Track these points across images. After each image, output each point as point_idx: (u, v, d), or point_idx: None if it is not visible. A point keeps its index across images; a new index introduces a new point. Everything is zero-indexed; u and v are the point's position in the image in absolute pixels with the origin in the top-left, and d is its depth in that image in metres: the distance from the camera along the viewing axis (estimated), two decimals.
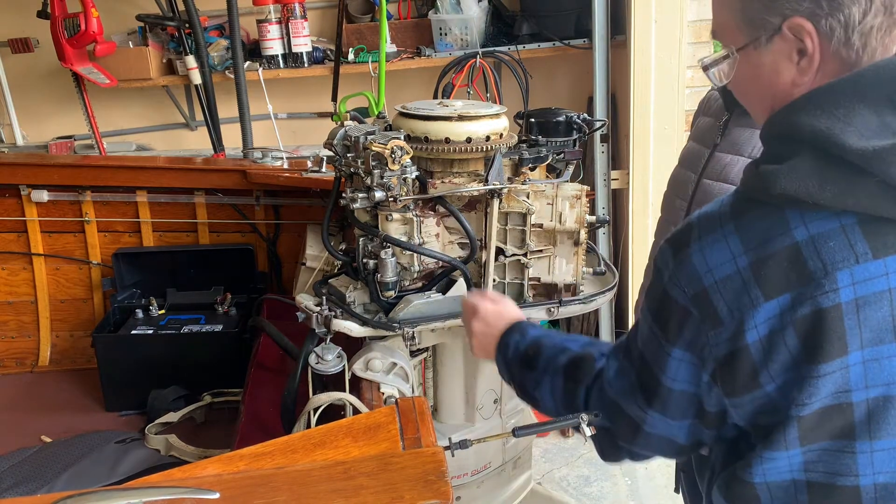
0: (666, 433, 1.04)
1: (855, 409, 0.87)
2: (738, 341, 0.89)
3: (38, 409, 2.49)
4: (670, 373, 0.98)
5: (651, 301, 1.01)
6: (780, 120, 0.92)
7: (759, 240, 0.88)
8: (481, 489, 1.96)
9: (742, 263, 0.88)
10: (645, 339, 1.02)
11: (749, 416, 0.94)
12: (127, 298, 2.65)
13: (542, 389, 1.24)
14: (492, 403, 1.92)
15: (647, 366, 1.02)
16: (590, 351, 1.19)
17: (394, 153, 1.53)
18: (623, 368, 1.08)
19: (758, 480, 0.93)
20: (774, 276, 0.86)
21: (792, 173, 0.86)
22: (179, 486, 1.00)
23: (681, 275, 0.93)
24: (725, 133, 1.61)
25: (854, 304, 0.85)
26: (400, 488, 1.01)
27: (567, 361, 1.21)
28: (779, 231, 0.87)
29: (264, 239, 2.76)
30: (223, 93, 3.30)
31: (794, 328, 0.86)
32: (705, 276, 0.90)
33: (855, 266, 0.84)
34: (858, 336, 0.85)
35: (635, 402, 1.04)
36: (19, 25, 3.41)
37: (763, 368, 0.89)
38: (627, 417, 1.07)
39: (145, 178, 2.69)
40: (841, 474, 0.90)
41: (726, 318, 0.89)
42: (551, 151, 1.73)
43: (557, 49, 3.18)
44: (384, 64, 2.62)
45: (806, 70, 0.91)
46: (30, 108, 3.64)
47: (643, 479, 2.92)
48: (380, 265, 1.62)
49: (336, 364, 1.60)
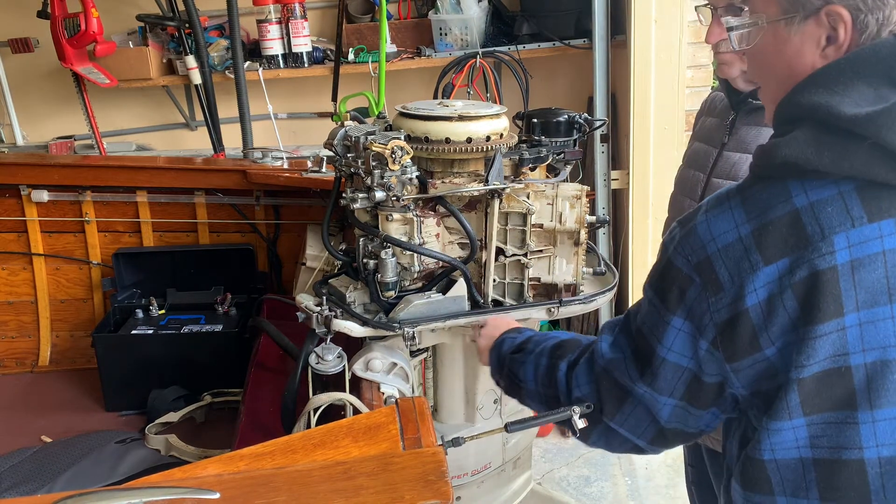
0: (650, 407, 1.06)
1: (854, 373, 0.90)
2: (739, 306, 0.92)
3: (38, 409, 2.49)
4: (667, 342, 1.00)
5: (654, 274, 1.04)
6: (787, 102, 0.95)
7: (761, 208, 0.92)
8: (481, 489, 1.96)
9: (744, 231, 0.92)
10: (644, 313, 1.05)
11: (750, 381, 0.96)
12: (127, 298, 2.65)
13: (526, 369, 1.29)
14: (492, 403, 1.92)
15: (643, 338, 1.04)
16: (577, 337, 1.26)
17: (394, 153, 1.53)
18: (617, 341, 1.11)
19: (767, 457, 0.95)
20: (774, 242, 0.90)
21: (792, 142, 0.90)
22: (179, 486, 1.00)
23: (685, 244, 0.97)
24: (733, 132, 1.61)
25: (850, 266, 0.88)
26: (400, 488, 1.01)
27: (554, 344, 1.28)
28: (780, 199, 0.91)
29: (264, 239, 2.76)
30: (223, 93, 3.30)
31: (792, 291, 0.89)
32: (709, 244, 0.94)
33: (851, 230, 0.88)
34: (854, 297, 0.88)
35: (627, 373, 1.07)
36: (19, 25, 3.41)
37: (762, 331, 0.91)
38: (616, 388, 1.09)
39: (145, 178, 2.69)
40: (845, 447, 0.91)
41: (727, 283, 0.93)
42: (551, 151, 1.73)
43: (557, 49, 3.18)
44: (384, 64, 2.62)
45: (830, 57, 0.93)
46: (30, 108, 3.64)
47: (643, 479, 2.92)
48: (380, 265, 1.62)
49: (336, 364, 1.60)
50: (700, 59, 2.96)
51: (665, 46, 2.84)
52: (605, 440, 1.15)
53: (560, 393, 1.20)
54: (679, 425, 1.06)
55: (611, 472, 2.96)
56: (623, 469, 2.99)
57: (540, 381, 1.26)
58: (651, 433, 1.09)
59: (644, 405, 1.06)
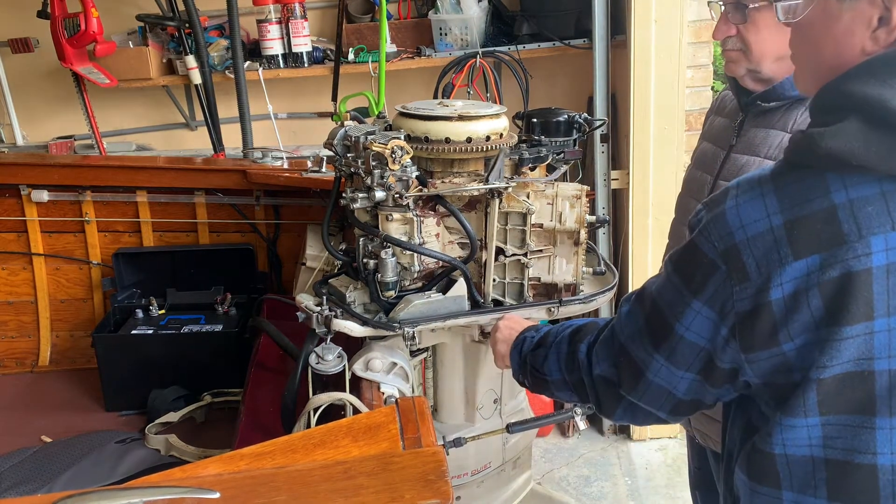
0: (667, 383, 1.05)
1: (877, 378, 0.88)
2: (762, 297, 0.89)
3: (38, 409, 2.49)
4: (685, 321, 0.99)
5: (677, 254, 1.02)
6: (832, 89, 0.92)
7: (797, 200, 0.88)
8: (481, 489, 1.96)
9: (776, 222, 0.89)
10: (661, 287, 1.04)
11: (764, 373, 0.95)
12: (127, 298, 2.65)
13: (550, 361, 1.28)
14: (492, 403, 1.92)
15: (659, 311, 1.03)
16: (594, 320, 1.26)
17: (394, 153, 1.53)
18: (633, 311, 1.09)
19: (778, 451, 0.94)
20: (806, 236, 0.87)
21: (839, 133, 0.86)
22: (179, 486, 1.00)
23: (713, 229, 0.94)
24: (741, 134, 1.59)
25: (885, 270, 0.85)
26: (400, 488, 1.01)
27: (572, 330, 1.27)
28: (818, 193, 0.88)
29: (264, 239, 2.76)
30: (223, 93, 3.30)
31: (818, 290, 0.87)
32: (737, 231, 0.91)
33: (890, 232, 0.85)
34: (886, 302, 0.86)
35: (642, 345, 1.06)
36: (19, 25, 3.41)
37: (783, 327, 0.89)
38: (633, 361, 1.08)
39: (145, 178, 2.69)
40: (859, 451, 0.90)
41: (753, 273, 0.90)
42: (551, 151, 1.73)
43: (557, 49, 3.17)
44: (384, 64, 2.62)
45: (881, 40, 0.89)
46: (30, 108, 3.64)
47: (643, 479, 2.92)
48: (380, 265, 1.62)
49: (336, 364, 1.60)
50: (700, 59, 2.96)
51: (665, 46, 2.83)
52: (631, 414, 1.15)
53: (583, 374, 1.20)
54: (696, 396, 1.05)
55: (611, 472, 2.96)
56: (623, 469, 2.98)
57: (564, 369, 1.26)
58: (670, 405, 1.08)
59: (661, 378, 1.05)
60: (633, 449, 3.09)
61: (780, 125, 1.50)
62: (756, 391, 1.00)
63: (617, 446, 3.10)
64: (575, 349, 1.23)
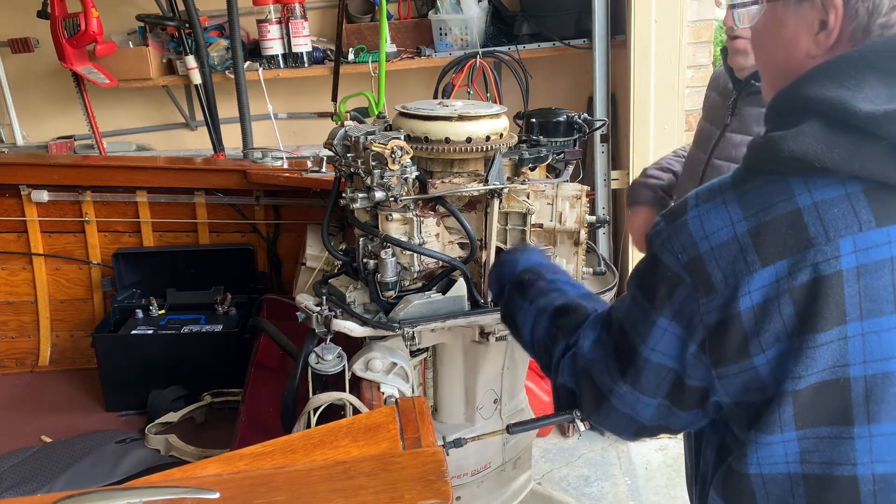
0: (631, 409, 1.02)
1: (852, 385, 0.85)
2: (731, 308, 0.87)
3: (38, 409, 2.49)
4: (651, 342, 0.95)
5: (639, 270, 0.99)
6: (789, 92, 0.91)
7: (760, 206, 0.86)
8: (481, 489, 1.96)
9: (741, 229, 0.87)
10: (627, 309, 1.00)
11: (736, 390, 0.92)
12: (127, 298, 2.65)
13: (526, 320, 1.24)
14: (492, 403, 1.92)
15: (625, 335, 0.99)
16: (584, 305, 1.18)
17: (394, 153, 1.53)
18: (600, 339, 1.06)
19: (753, 471, 0.91)
20: (773, 242, 0.85)
21: (800, 136, 0.85)
22: (179, 486, 1.00)
23: (675, 241, 0.91)
24: (735, 112, 1.60)
25: (855, 272, 0.83)
26: (400, 488, 1.01)
27: (559, 306, 1.20)
28: (782, 197, 0.86)
29: (264, 239, 2.76)
30: (223, 93, 3.30)
31: (790, 296, 0.85)
32: (701, 242, 0.89)
33: (858, 234, 0.83)
34: (858, 305, 0.84)
35: (608, 373, 1.02)
36: (19, 25, 3.41)
37: (754, 337, 0.87)
38: (595, 388, 1.05)
39: (145, 178, 2.69)
40: (838, 463, 0.87)
41: (720, 284, 0.87)
42: (551, 151, 1.73)
43: (557, 49, 3.18)
44: (384, 64, 2.62)
45: (821, 44, 0.91)
46: (30, 108, 3.64)
47: (643, 479, 2.92)
48: (380, 265, 1.62)
49: (336, 364, 1.60)
50: (700, 59, 2.96)
51: (665, 46, 2.84)
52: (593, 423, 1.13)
53: (550, 369, 1.16)
54: (662, 422, 1.02)
55: (611, 472, 2.96)
56: (623, 469, 2.98)
57: (536, 343, 1.22)
58: (633, 429, 1.06)
59: (624, 406, 1.02)
60: (633, 449, 3.08)
61: None
62: (728, 413, 0.97)
63: (617, 446, 3.10)
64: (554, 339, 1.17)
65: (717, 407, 0.97)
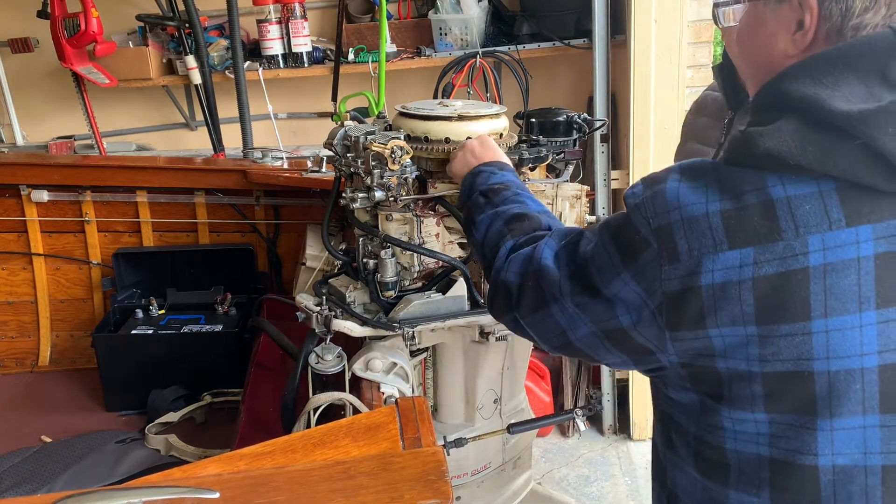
0: (567, 324, 1.04)
1: (816, 379, 0.87)
2: (692, 281, 0.88)
3: (38, 409, 2.49)
4: (612, 289, 0.97)
5: (612, 223, 1.00)
6: (769, 89, 0.93)
7: (736, 192, 0.88)
8: (481, 489, 1.96)
9: (713, 208, 0.88)
10: (595, 249, 1.01)
11: (688, 354, 0.93)
12: (127, 298, 2.65)
13: (482, 220, 1.28)
14: (492, 403, 1.92)
15: (588, 271, 1.01)
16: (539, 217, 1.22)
17: (394, 153, 1.53)
18: (560, 256, 1.07)
19: (729, 446, 0.94)
20: (742, 228, 0.86)
21: (776, 133, 0.86)
22: (179, 486, 1.00)
23: (649, 205, 0.93)
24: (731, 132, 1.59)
25: (822, 270, 0.84)
26: (400, 488, 1.01)
27: (515, 213, 1.24)
28: (756, 186, 0.87)
29: (264, 239, 2.77)
30: (223, 93, 3.30)
31: (752, 284, 0.86)
32: (673, 211, 0.90)
33: (827, 232, 0.84)
34: (823, 303, 0.85)
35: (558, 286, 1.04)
36: (19, 25, 3.41)
37: (711, 313, 0.88)
38: (541, 291, 1.06)
39: (145, 178, 2.69)
40: (801, 452, 0.89)
41: (684, 256, 0.89)
42: (551, 151, 1.73)
43: (557, 49, 3.17)
44: (384, 64, 2.62)
45: (798, 43, 0.92)
46: (30, 108, 3.64)
47: (643, 480, 2.92)
48: (380, 265, 1.62)
49: (336, 364, 1.60)
50: (700, 59, 2.96)
51: (665, 46, 2.83)
52: (513, 327, 1.16)
53: (495, 269, 1.19)
54: (587, 349, 1.05)
55: (611, 472, 2.96)
56: (623, 469, 2.98)
57: (486, 242, 1.25)
58: (557, 343, 1.08)
59: (561, 317, 1.04)
60: (633, 449, 3.08)
61: None
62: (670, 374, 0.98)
63: (617, 446, 3.10)
64: (503, 237, 1.20)
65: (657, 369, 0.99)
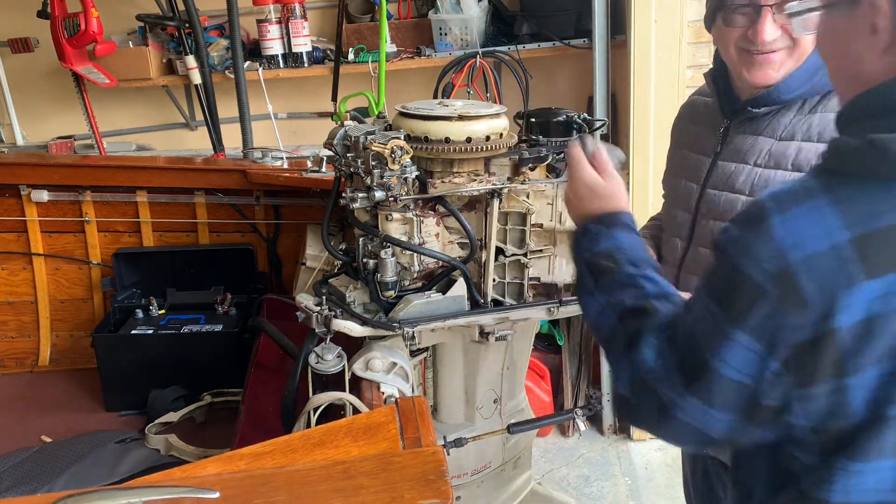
0: (699, 423, 0.92)
1: None
2: (826, 325, 0.80)
3: (38, 409, 2.49)
4: (724, 357, 0.87)
5: (711, 280, 0.91)
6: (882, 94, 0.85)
7: (865, 214, 0.79)
8: (481, 489, 1.96)
9: (842, 238, 0.79)
10: (697, 319, 0.92)
11: (818, 414, 0.85)
12: (127, 298, 2.65)
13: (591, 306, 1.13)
14: (491, 403, 1.92)
15: (694, 348, 0.91)
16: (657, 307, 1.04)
17: (394, 153, 1.53)
18: (663, 349, 0.95)
19: (838, 499, 0.85)
20: (882, 254, 0.78)
21: None
22: (179, 486, 1.00)
23: (759, 249, 0.83)
24: (727, 141, 1.55)
25: None
26: (400, 488, 1.01)
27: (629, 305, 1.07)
28: (889, 206, 0.79)
29: (264, 239, 2.76)
30: (223, 93, 3.30)
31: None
32: (791, 251, 0.81)
33: None
34: None
35: (671, 386, 0.93)
36: (19, 25, 3.41)
37: (851, 356, 0.80)
38: (657, 400, 0.94)
39: (145, 178, 2.69)
40: None
41: (814, 298, 0.80)
42: (551, 151, 1.72)
43: (557, 49, 3.17)
44: (384, 64, 2.62)
45: (876, 47, 0.86)
46: (30, 108, 3.64)
47: (643, 479, 2.92)
48: (380, 265, 1.62)
49: (336, 364, 1.60)
50: (700, 59, 2.96)
51: (665, 46, 2.83)
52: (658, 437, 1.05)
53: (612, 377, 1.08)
54: (733, 436, 0.93)
55: (611, 472, 2.96)
56: (623, 469, 2.98)
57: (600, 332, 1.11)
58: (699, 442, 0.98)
59: (690, 419, 0.93)
60: (633, 449, 3.08)
61: (768, 132, 1.46)
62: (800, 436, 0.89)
63: (617, 446, 3.10)
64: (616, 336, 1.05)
65: (787, 426, 0.89)
